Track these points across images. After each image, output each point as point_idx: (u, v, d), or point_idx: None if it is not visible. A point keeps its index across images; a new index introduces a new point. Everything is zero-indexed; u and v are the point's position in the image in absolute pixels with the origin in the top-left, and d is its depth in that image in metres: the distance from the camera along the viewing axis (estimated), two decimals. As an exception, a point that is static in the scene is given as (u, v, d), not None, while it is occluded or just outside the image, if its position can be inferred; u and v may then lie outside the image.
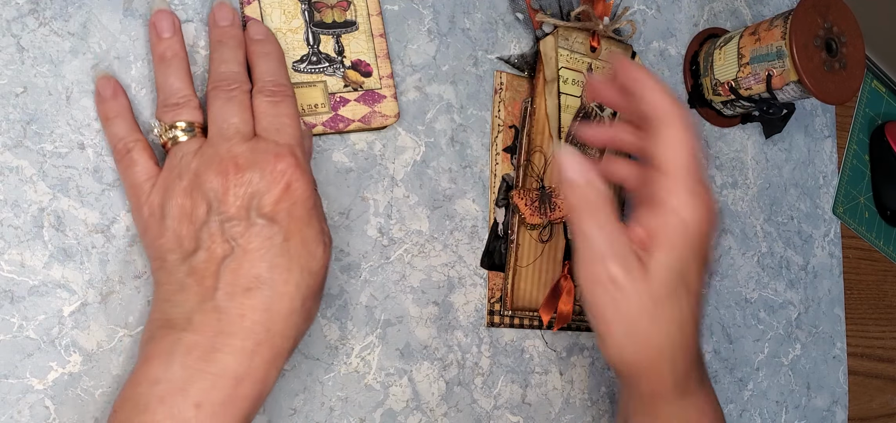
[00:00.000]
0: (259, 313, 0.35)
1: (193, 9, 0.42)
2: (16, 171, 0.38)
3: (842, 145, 0.69)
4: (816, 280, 0.65)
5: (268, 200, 0.35)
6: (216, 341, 0.34)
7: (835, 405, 0.65)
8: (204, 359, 0.34)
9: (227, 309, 0.35)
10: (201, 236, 0.35)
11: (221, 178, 0.35)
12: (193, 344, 0.34)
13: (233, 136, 0.37)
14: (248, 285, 0.35)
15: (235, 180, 0.35)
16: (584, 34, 0.51)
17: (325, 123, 0.43)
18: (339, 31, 0.44)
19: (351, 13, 0.44)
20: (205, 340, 0.34)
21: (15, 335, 0.37)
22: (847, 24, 0.54)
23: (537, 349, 0.51)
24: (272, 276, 0.35)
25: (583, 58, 0.50)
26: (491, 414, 0.49)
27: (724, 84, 0.57)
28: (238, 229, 0.35)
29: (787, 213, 0.63)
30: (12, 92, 0.38)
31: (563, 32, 0.50)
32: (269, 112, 0.38)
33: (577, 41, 0.50)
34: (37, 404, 0.37)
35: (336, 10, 0.43)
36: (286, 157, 0.36)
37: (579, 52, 0.50)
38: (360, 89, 0.44)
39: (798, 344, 0.63)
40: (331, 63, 0.43)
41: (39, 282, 0.38)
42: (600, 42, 0.51)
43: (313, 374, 0.44)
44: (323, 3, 0.43)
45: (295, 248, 0.36)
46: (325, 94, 0.43)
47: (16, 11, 0.38)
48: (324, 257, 0.37)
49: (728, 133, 0.61)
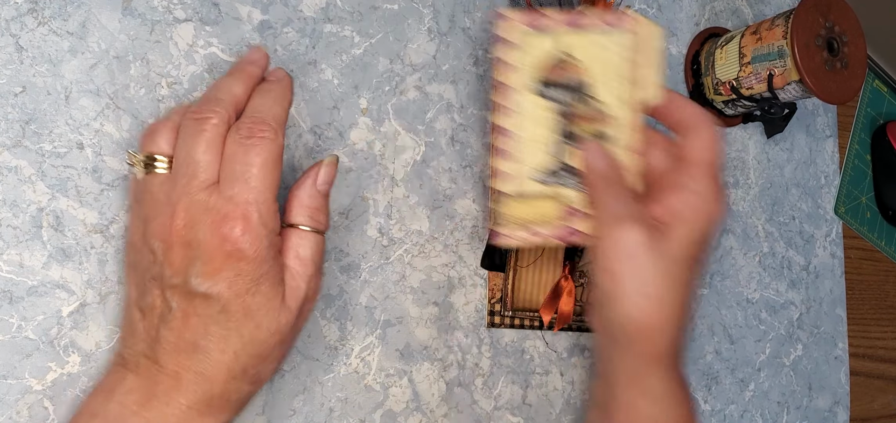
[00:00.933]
0: (194, 375, 0.34)
1: (192, 8, 0.42)
2: (14, 171, 0.38)
3: (843, 145, 0.68)
4: (818, 280, 0.64)
5: (208, 268, 0.34)
6: (155, 390, 0.34)
7: (836, 405, 0.65)
8: (141, 403, 0.34)
9: (165, 364, 0.34)
10: (147, 284, 0.35)
11: (165, 232, 0.34)
12: (134, 387, 0.34)
13: (191, 177, 0.34)
14: (184, 348, 0.34)
15: (178, 238, 0.34)
16: None
17: (558, 236, 0.42)
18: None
19: (607, 126, 0.42)
20: (145, 385, 0.34)
21: (14, 336, 0.37)
22: (848, 24, 0.54)
23: (538, 350, 0.51)
24: (207, 344, 0.34)
25: None
26: (491, 415, 0.49)
27: (726, 83, 0.57)
28: (177, 292, 0.34)
29: (788, 213, 0.63)
30: (11, 91, 0.38)
31: None
32: (237, 156, 0.34)
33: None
34: (36, 404, 0.37)
35: (588, 122, 0.42)
36: (234, 221, 0.34)
37: None
38: None
39: (799, 345, 0.63)
40: (572, 176, 0.42)
41: (38, 282, 0.38)
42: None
43: (313, 374, 0.44)
44: (578, 114, 0.42)
45: (235, 319, 0.34)
46: (558, 207, 0.42)
47: (15, 11, 0.38)
48: (276, 322, 0.36)
49: (729, 133, 0.61)
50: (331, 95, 0.45)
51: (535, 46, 0.41)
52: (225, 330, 0.34)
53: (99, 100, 0.40)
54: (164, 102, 0.41)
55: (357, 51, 0.46)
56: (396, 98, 0.47)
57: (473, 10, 0.50)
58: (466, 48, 0.50)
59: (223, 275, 0.34)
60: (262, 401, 0.42)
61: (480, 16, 0.50)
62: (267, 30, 0.44)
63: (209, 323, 0.34)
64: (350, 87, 0.46)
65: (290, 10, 0.45)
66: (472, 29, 0.50)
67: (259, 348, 0.35)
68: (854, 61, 0.53)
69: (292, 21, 0.45)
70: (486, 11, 0.51)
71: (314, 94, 0.45)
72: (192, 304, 0.34)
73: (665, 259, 0.39)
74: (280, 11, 0.44)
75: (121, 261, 0.39)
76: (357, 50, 0.46)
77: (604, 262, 0.39)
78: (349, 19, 0.46)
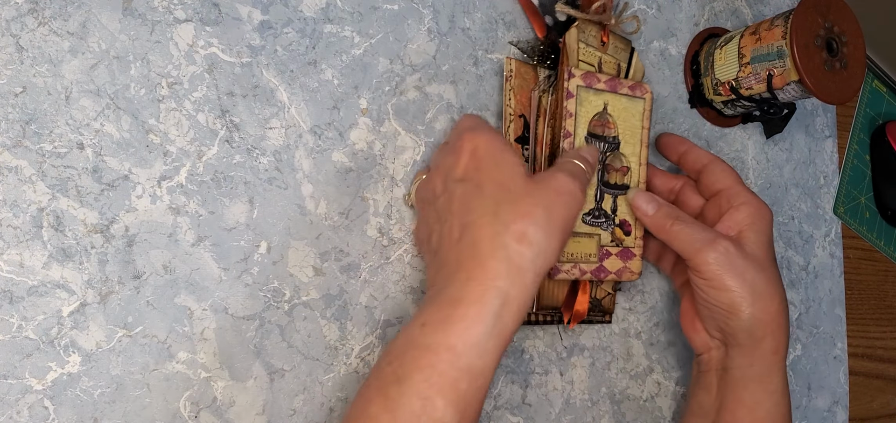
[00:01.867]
0: (468, 249, 0.39)
1: (193, 8, 0.42)
2: (15, 171, 0.38)
3: (842, 145, 0.68)
4: (817, 280, 0.64)
5: (457, 170, 0.41)
6: (445, 285, 0.39)
7: (835, 405, 0.65)
8: (435, 298, 0.38)
9: (445, 259, 0.40)
10: (431, 221, 0.43)
11: (430, 173, 0.44)
12: (434, 295, 0.39)
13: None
14: (459, 235, 0.39)
15: (435, 172, 0.43)
16: (596, 28, 0.51)
17: (593, 271, 0.49)
18: (617, 192, 0.50)
19: (628, 178, 0.50)
20: (436, 290, 0.39)
21: (14, 336, 0.37)
22: (848, 24, 0.54)
23: (537, 350, 0.51)
24: (473, 218, 0.39)
25: (595, 52, 0.51)
26: (491, 415, 0.49)
27: (725, 84, 0.57)
28: (442, 201, 0.41)
29: (787, 213, 0.63)
30: (11, 92, 0.38)
31: (582, 25, 0.50)
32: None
33: (592, 35, 0.51)
34: (36, 404, 0.37)
35: (619, 173, 0.50)
36: (465, 137, 0.42)
37: (593, 45, 0.51)
38: (620, 246, 0.50)
39: (799, 344, 0.63)
40: (607, 219, 0.49)
41: (38, 282, 0.38)
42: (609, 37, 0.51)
43: (313, 374, 0.44)
44: (612, 166, 0.49)
45: (489, 189, 0.40)
46: (597, 245, 0.49)
47: (15, 11, 0.38)
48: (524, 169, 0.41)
49: (729, 133, 0.61)
50: (331, 95, 0.45)
51: (587, 101, 0.48)
52: (482, 200, 0.40)
53: (99, 100, 0.40)
54: (164, 102, 0.41)
55: (357, 51, 0.46)
56: (396, 98, 0.47)
57: (473, 11, 0.50)
58: (466, 48, 0.50)
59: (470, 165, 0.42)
60: (262, 401, 0.42)
61: (480, 16, 0.50)
62: (267, 30, 0.44)
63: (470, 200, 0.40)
64: (350, 87, 0.46)
65: (290, 10, 0.45)
66: (471, 29, 0.50)
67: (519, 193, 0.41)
68: (853, 61, 0.53)
69: (292, 21, 0.45)
70: (486, 11, 0.51)
71: (314, 94, 0.45)
72: (456, 196, 0.41)
73: (753, 259, 0.46)
74: (280, 11, 0.44)
75: (121, 261, 0.39)
76: (357, 50, 0.46)
77: (711, 280, 0.45)
78: (349, 19, 0.46)
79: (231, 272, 0.42)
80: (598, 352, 0.53)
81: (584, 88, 0.49)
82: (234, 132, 0.43)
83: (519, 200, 0.39)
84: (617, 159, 0.50)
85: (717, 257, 0.45)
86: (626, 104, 0.50)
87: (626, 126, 0.50)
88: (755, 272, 0.45)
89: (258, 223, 0.43)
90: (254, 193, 0.43)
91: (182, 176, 0.41)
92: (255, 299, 0.42)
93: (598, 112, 0.49)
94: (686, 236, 0.46)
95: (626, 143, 0.50)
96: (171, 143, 0.41)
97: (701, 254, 0.45)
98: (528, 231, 0.38)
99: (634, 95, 0.50)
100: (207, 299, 0.41)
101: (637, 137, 0.50)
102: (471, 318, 0.36)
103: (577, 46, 0.50)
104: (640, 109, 0.50)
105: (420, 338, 0.36)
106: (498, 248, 0.37)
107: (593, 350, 0.53)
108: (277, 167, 0.44)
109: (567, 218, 0.40)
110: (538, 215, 0.38)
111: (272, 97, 0.44)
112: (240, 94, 0.43)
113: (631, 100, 0.50)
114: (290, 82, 0.44)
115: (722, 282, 0.45)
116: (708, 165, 0.51)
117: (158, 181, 0.41)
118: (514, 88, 0.50)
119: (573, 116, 0.48)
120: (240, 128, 0.43)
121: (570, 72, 0.48)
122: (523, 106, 0.50)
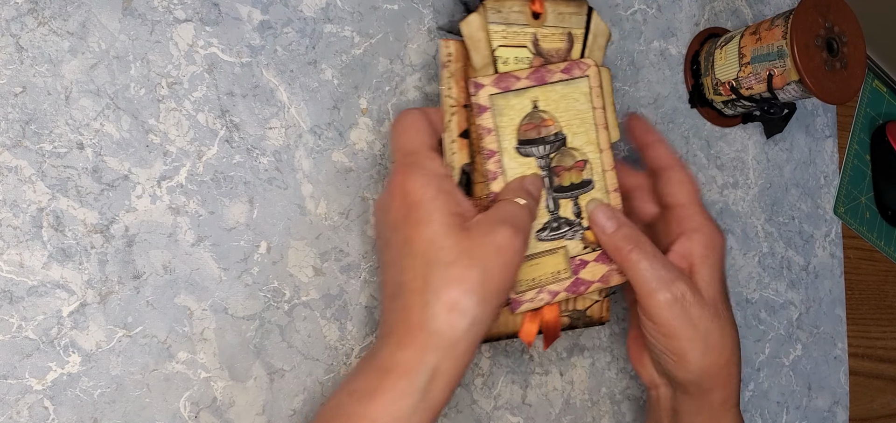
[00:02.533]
0: (400, 313, 0.37)
1: (192, 8, 0.42)
2: (15, 171, 0.38)
3: (843, 145, 0.68)
4: (817, 281, 0.64)
5: (390, 215, 0.39)
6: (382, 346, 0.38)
7: (836, 405, 0.65)
8: (368, 363, 0.37)
9: (384, 309, 0.39)
10: (378, 248, 0.42)
11: (380, 196, 0.41)
12: (368, 358, 0.38)
13: None
14: (393, 293, 0.38)
15: (380, 200, 0.41)
16: (520, 1, 0.42)
17: (568, 288, 0.43)
18: (577, 192, 0.43)
19: (587, 172, 0.43)
20: (371, 352, 0.38)
21: (14, 336, 0.37)
22: (848, 24, 0.54)
23: (537, 350, 0.51)
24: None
25: (524, 29, 0.42)
26: (491, 415, 0.49)
27: (725, 84, 0.57)
28: (380, 244, 0.40)
29: (788, 213, 0.63)
30: (11, 91, 0.38)
31: (493, 4, 0.41)
32: None
33: (514, 10, 0.42)
34: (36, 404, 0.37)
35: (573, 172, 0.43)
36: (396, 175, 0.38)
37: (519, 22, 0.42)
38: (597, 249, 0.44)
39: (799, 345, 0.63)
40: (570, 226, 0.43)
41: (38, 282, 0.38)
42: (545, 5, 0.42)
43: (313, 375, 0.44)
44: (561, 166, 0.43)
45: (420, 247, 0.37)
46: (566, 259, 0.43)
47: (15, 11, 0.38)
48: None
49: (729, 133, 0.61)
50: (331, 95, 0.45)
51: (508, 107, 0.41)
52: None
53: (99, 100, 0.40)
54: (164, 101, 0.41)
55: (357, 51, 0.46)
56: (396, 98, 0.47)
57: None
58: (466, 48, 0.50)
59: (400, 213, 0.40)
60: (262, 401, 0.42)
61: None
62: (267, 30, 0.44)
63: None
64: (350, 87, 0.46)
65: (290, 10, 0.45)
66: (471, 29, 0.50)
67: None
68: (853, 61, 0.53)
69: (292, 21, 0.45)
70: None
71: (314, 94, 0.45)
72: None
73: (708, 304, 0.42)
74: (280, 11, 0.44)
75: (121, 261, 0.39)
76: (357, 50, 0.46)
77: (663, 322, 0.42)
78: (349, 19, 0.46)
79: (231, 272, 0.42)
80: (598, 352, 0.53)
81: (500, 94, 0.41)
82: (234, 132, 0.43)
83: (451, 264, 0.36)
84: (566, 157, 0.43)
85: (671, 303, 0.41)
86: (564, 91, 0.42)
87: (571, 115, 0.42)
88: (709, 321, 0.42)
89: (258, 223, 0.43)
90: (254, 193, 0.43)
91: (182, 176, 0.41)
92: (254, 300, 0.42)
93: (526, 114, 0.42)
94: (642, 270, 0.42)
95: (576, 134, 0.43)
96: (170, 143, 0.41)
97: (654, 296, 0.41)
98: (461, 301, 0.35)
99: (572, 77, 0.42)
100: (207, 300, 0.41)
101: (589, 121, 0.43)
102: (398, 391, 0.35)
103: (486, 34, 0.41)
104: (584, 90, 0.43)
105: (348, 405, 0.35)
106: (428, 319, 0.35)
107: (593, 350, 0.53)
108: (277, 167, 0.44)
109: (507, 278, 0.37)
110: (472, 281, 0.36)
111: (272, 97, 0.44)
112: (240, 94, 0.43)
113: (568, 84, 0.42)
114: (290, 82, 0.44)
115: (672, 330, 0.42)
116: (668, 169, 0.46)
117: (158, 181, 0.41)
118: (454, 74, 0.42)
119: (493, 131, 0.41)
120: (240, 128, 0.43)
121: (474, 84, 0.41)
122: (466, 95, 0.42)
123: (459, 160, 0.42)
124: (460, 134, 0.42)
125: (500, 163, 0.41)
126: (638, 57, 0.56)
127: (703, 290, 0.43)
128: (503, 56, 0.42)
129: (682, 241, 0.44)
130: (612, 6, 0.56)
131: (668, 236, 0.46)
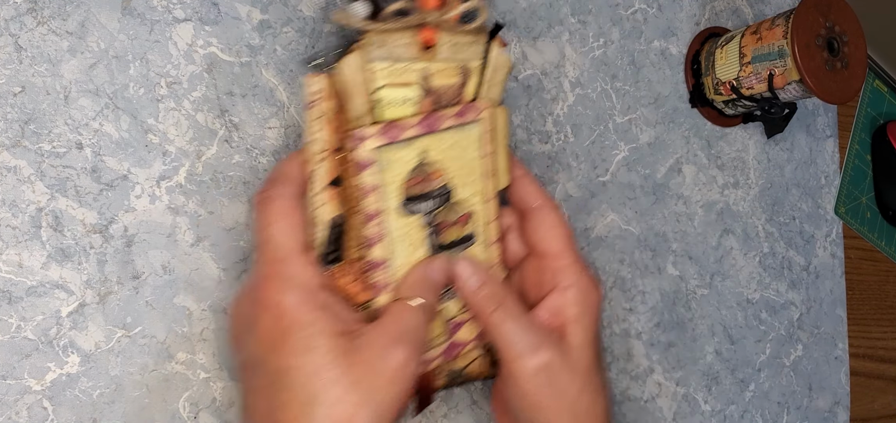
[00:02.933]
0: None
1: (192, 8, 0.42)
2: (14, 171, 0.38)
3: (844, 145, 0.68)
4: (818, 281, 0.64)
5: (255, 338, 0.35)
6: None
7: (837, 406, 0.64)
8: None
9: None
10: (237, 372, 0.38)
11: (237, 299, 0.38)
12: None
13: None
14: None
15: (238, 306, 0.38)
16: (407, 33, 0.35)
17: (443, 353, 0.40)
18: (459, 248, 0.39)
19: (470, 225, 0.39)
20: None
21: (13, 336, 0.37)
22: (849, 24, 0.54)
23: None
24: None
25: (411, 65, 0.36)
26: (491, 415, 0.49)
27: (726, 83, 0.57)
28: (241, 376, 0.37)
29: (788, 213, 0.63)
30: (10, 91, 0.38)
31: (376, 38, 0.35)
32: None
33: (400, 43, 0.35)
34: (35, 405, 0.37)
35: (456, 227, 0.38)
36: (269, 289, 0.34)
37: (406, 57, 0.35)
38: None
39: (800, 345, 0.63)
40: (449, 288, 0.39)
41: (37, 282, 0.38)
42: (439, 36, 0.36)
43: (313, 375, 0.44)
44: (445, 222, 0.38)
45: (298, 381, 0.33)
46: (443, 323, 0.40)
47: (14, 10, 0.38)
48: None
49: (729, 133, 0.61)
50: (330, 95, 0.45)
51: (395, 161, 0.36)
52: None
53: (98, 100, 0.40)
54: (163, 101, 0.41)
55: (357, 51, 0.46)
56: (396, 98, 0.47)
57: (473, 10, 0.50)
58: (466, 48, 0.50)
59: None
60: (261, 401, 0.42)
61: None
62: (267, 30, 0.44)
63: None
64: (350, 87, 0.46)
65: (289, 10, 0.45)
66: (471, 29, 0.50)
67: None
68: (854, 61, 0.53)
69: (292, 21, 0.45)
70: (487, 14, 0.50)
71: (314, 94, 0.45)
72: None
73: (579, 371, 0.38)
74: (280, 11, 0.44)
75: (120, 261, 0.39)
76: (357, 50, 0.46)
77: (527, 393, 0.38)
78: (349, 19, 0.46)
79: (230, 272, 0.42)
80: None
81: (387, 146, 0.35)
82: (234, 132, 0.43)
83: (337, 403, 0.31)
84: (451, 212, 0.38)
85: (538, 371, 0.37)
86: (454, 138, 0.37)
87: (459, 166, 0.37)
88: (579, 389, 0.38)
89: (258, 223, 0.43)
90: (253, 192, 0.43)
91: (181, 176, 0.41)
92: (254, 300, 0.42)
93: (412, 168, 0.36)
94: (507, 332, 0.37)
95: (464, 185, 0.38)
96: (170, 142, 0.41)
97: (520, 361, 0.37)
98: None
99: (464, 122, 0.37)
100: (207, 300, 0.41)
101: (476, 171, 0.38)
102: None
103: (362, 76, 0.35)
104: (474, 137, 0.37)
105: None
106: None
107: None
108: (277, 167, 0.44)
109: (401, 407, 0.33)
110: (362, 420, 0.32)
111: (271, 97, 0.44)
112: (239, 93, 0.43)
113: (460, 130, 0.37)
114: (289, 82, 0.44)
115: (537, 401, 0.37)
116: (537, 210, 0.41)
117: (157, 181, 0.41)
118: (324, 114, 0.36)
119: (378, 189, 0.35)
120: (239, 127, 0.43)
121: (356, 136, 0.34)
122: (343, 135, 0.36)
123: (328, 213, 0.37)
124: (331, 182, 0.37)
125: (383, 225, 0.36)
126: (638, 57, 0.56)
127: (574, 354, 0.39)
128: (387, 98, 0.36)
129: (555, 296, 0.40)
130: (612, 6, 0.56)
131: (539, 287, 0.41)
